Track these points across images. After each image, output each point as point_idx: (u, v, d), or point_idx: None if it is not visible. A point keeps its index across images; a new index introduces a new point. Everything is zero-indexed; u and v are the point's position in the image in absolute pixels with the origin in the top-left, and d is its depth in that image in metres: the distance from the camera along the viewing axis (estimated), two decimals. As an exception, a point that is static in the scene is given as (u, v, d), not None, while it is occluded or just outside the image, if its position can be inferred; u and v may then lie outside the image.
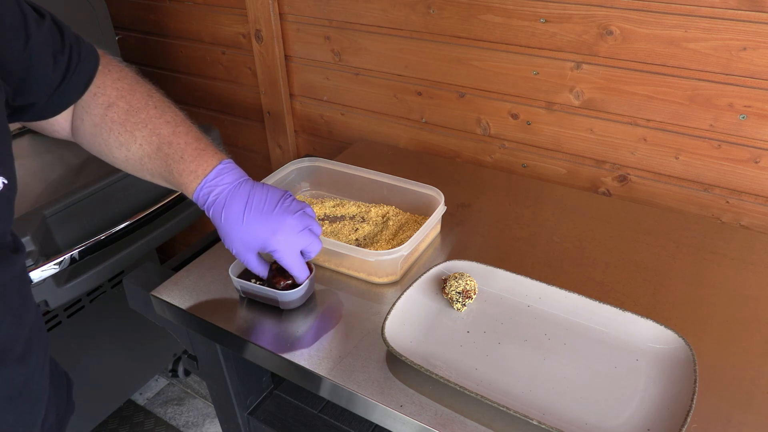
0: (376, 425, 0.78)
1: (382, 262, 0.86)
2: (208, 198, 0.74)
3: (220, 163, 0.75)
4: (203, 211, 0.77)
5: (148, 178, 0.78)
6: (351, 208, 1.06)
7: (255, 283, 0.84)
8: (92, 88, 0.73)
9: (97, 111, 0.73)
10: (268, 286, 0.82)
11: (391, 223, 1.00)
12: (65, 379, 0.77)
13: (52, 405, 0.68)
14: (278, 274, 0.82)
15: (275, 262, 0.81)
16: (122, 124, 0.73)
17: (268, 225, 0.74)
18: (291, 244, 0.76)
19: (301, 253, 0.79)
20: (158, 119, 0.74)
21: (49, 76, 0.66)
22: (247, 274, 0.86)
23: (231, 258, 0.87)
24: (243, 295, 0.87)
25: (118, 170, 0.80)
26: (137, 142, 0.74)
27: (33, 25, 0.62)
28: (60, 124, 0.76)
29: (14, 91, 0.62)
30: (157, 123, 0.74)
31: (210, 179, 0.74)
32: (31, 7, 0.64)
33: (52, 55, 0.65)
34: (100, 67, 0.73)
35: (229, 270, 0.85)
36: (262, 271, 0.80)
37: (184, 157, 0.74)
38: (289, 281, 0.82)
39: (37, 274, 1.07)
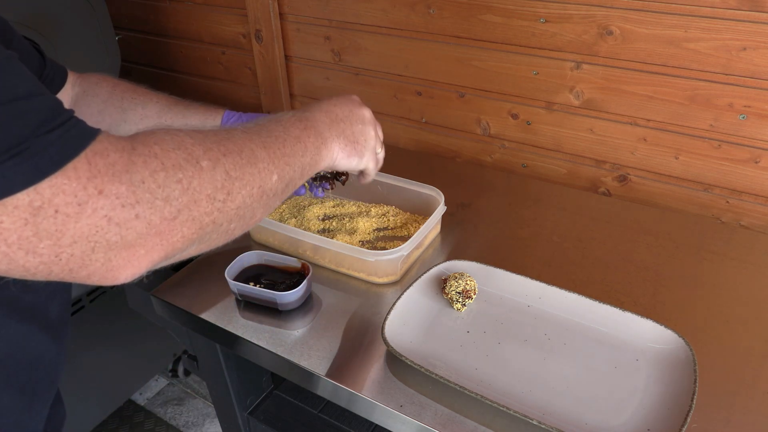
0: (376, 425, 0.78)
1: (382, 262, 0.86)
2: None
3: None
4: None
5: None
6: (351, 208, 1.06)
7: (252, 285, 0.84)
8: (93, 79, 0.79)
9: (106, 90, 0.78)
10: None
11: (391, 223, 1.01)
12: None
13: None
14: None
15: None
16: (134, 91, 0.79)
17: None
18: None
19: None
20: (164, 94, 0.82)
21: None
22: (243, 277, 0.86)
23: (230, 258, 0.87)
24: (240, 298, 0.87)
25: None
26: (153, 100, 0.79)
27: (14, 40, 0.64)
28: None
29: None
30: (165, 94, 0.82)
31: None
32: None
33: (36, 69, 0.68)
34: (95, 76, 0.79)
35: (225, 273, 0.85)
36: None
37: (205, 103, 0.81)
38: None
39: (37, 274, 1.06)
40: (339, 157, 0.67)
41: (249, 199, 0.52)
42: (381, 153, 0.76)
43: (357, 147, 0.69)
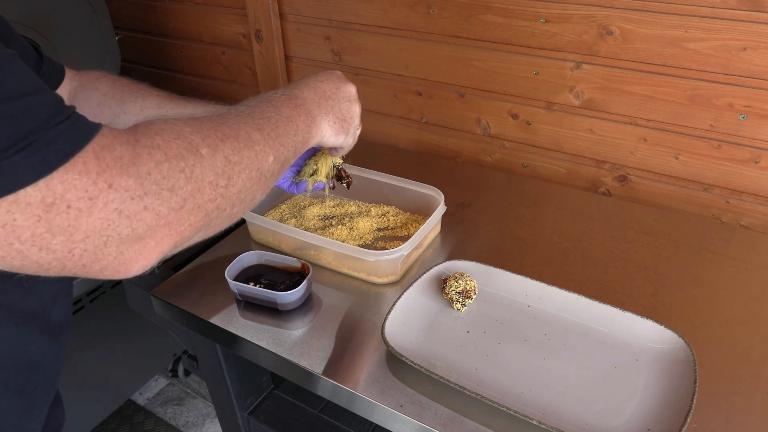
0: (376, 425, 0.78)
1: (382, 262, 0.86)
2: None
3: None
4: None
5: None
6: (351, 207, 1.06)
7: (252, 285, 0.84)
8: (92, 75, 0.78)
9: (106, 84, 0.78)
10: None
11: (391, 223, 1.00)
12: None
13: None
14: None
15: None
16: (134, 85, 0.78)
17: None
18: None
19: None
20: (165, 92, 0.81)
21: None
22: (243, 277, 0.86)
23: (230, 258, 0.87)
24: (240, 298, 0.87)
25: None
26: (153, 94, 0.78)
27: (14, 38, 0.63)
28: None
29: None
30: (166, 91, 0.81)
31: None
32: None
33: (34, 67, 0.68)
34: (94, 72, 0.79)
35: (225, 273, 0.85)
36: None
37: (205, 100, 0.80)
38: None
39: (37, 274, 1.06)
40: (327, 134, 0.68)
41: (249, 182, 0.53)
42: (359, 129, 0.77)
43: (344, 125, 0.70)
